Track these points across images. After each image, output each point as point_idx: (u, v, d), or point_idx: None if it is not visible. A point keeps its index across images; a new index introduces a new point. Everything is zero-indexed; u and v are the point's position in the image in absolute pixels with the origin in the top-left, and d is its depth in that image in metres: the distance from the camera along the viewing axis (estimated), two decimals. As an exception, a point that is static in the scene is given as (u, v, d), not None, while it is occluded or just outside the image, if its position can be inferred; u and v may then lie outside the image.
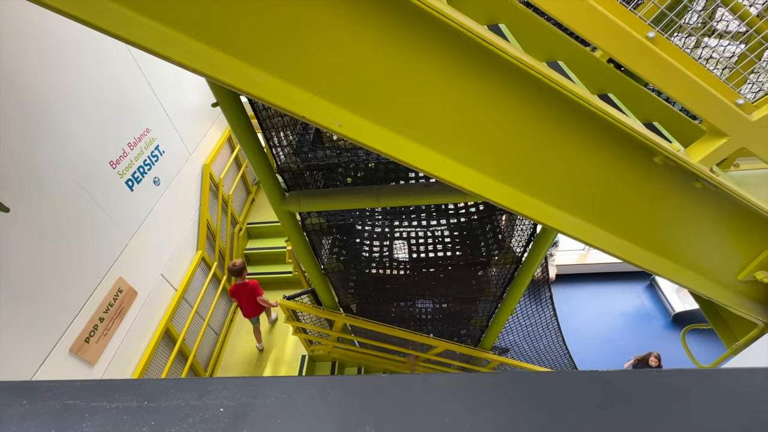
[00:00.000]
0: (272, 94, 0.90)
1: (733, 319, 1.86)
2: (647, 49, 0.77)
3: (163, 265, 4.19)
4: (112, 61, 3.62)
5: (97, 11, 0.78)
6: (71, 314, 3.04)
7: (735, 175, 2.19)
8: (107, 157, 3.53)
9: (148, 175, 4.02)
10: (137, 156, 3.89)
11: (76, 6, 0.77)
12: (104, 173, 3.48)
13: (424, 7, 0.76)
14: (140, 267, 3.82)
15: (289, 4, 0.78)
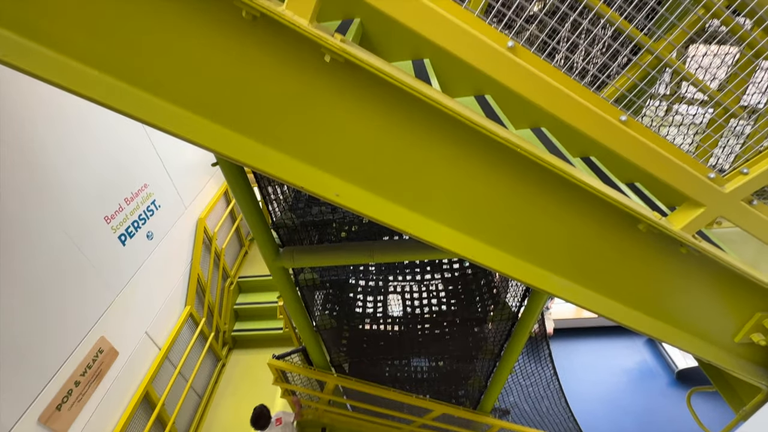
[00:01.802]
0: (274, 167, 0.95)
1: (738, 382, 1.82)
2: (620, 130, 0.84)
3: (148, 322, 4.04)
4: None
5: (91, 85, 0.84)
6: (45, 378, 2.86)
7: (719, 233, 2.26)
8: (103, 211, 3.54)
9: (142, 229, 4.01)
10: (133, 210, 3.91)
11: (73, 81, 0.83)
12: (98, 228, 3.47)
13: (415, 94, 0.83)
14: (124, 325, 3.68)
15: (289, 92, 0.85)
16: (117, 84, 0.85)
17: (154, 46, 0.81)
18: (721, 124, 1.45)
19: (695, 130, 2.00)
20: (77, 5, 0.77)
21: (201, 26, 0.79)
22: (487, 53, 0.75)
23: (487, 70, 0.76)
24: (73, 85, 0.85)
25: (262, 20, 0.74)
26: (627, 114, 0.86)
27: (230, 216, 6.11)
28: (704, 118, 2.00)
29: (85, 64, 0.83)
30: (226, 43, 0.81)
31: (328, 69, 0.81)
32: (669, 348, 6.41)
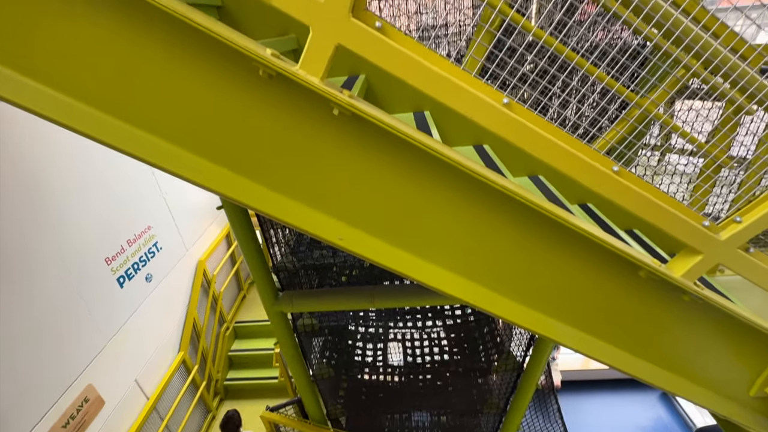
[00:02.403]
0: (280, 211, 0.98)
1: (758, 440, 1.71)
2: (613, 179, 0.88)
3: (139, 369, 3.88)
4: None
5: (100, 127, 0.90)
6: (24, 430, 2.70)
7: (722, 281, 2.25)
8: (104, 252, 3.55)
9: (141, 271, 3.99)
10: (134, 252, 3.92)
11: (77, 120, 0.88)
12: (97, 269, 3.46)
13: (417, 145, 0.88)
14: (114, 372, 3.54)
15: (298, 141, 0.91)
16: (134, 131, 0.90)
17: (170, 95, 0.87)
18: (712, 174, 1.50)
19: (687, 179, 2.06)
20: (93, 51, 0.84)
21: (218, 79, 0.86)
22: (484, 109, 0.81)
23: (484, 123, 0.82)
24: (88, 129, 0.90)
25: (278, 78, 0.81)
26: (619, 165, 0.90)
27: (230, 259, 6.09)
28: (695, 168, 2.07)
29: (101, 111, 0.89)
30: (240, 96, 0.87)
31: (336, 121, 0.87)
32: (685, 404, 6.06)
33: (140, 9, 0.77)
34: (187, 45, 0.82)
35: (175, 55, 0.84)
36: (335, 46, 0.76)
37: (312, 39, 0.76)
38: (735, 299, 1.34)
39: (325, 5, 0.73)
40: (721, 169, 1.79)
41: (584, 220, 1.23)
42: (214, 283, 5.37)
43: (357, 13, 0.75)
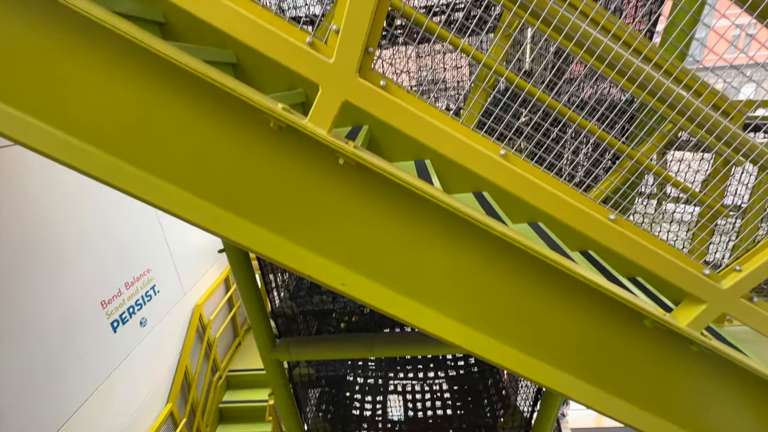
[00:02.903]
0: (284, 256, 0.99)
1: None
2: (610, 227, 0.90)
3: (124, 422, 3.67)
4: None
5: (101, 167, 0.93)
6: (-4, 489, 2.50)
7: (732, 331, 2.19)
8: (101, 295, 3.50)
9: (136, 315, 3.91)
10: (131, 295, 3.86)
11: (79, 159, 0.92)
12: (92, 313, 3.39)
13: (418, 192, 0.91)
14: (97, 426, 3.34)
15: (304, 188, 0.94)
16: (147, 177, 0.94)
17: (183, 142, 0.92)
18: (708, 222, 1.52)
19: (686, 226, 2.09)
20: (114, 101, 0.90)
21: (230, 129, 0.91)
22: (482, 160, 0.85)
23: (483, 173, 0.86)
24: (105, 175, 0.94)
25: (287, 129, 0.86)
26: (615, 213, 0.92)
27: (228, 303, 5.97)
28: (692, 215, 2.10)
29: (117, 157, 0.93)
30: (251, 145, 0.92)
31: (341, 170, 0.91)
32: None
33: (161, 65, 0.84)
34: (203, 98, 0.88)
35: (190, 107, 0.89)
36: (342, 102, 0.82)
37: (321, 95, 0.82)
38: (747, 351, 1.31)
39: (335, 66, 0.79)
40: (718, 217, 1.82)
41: (586, 267, 1.23)
42: (209, 328, 5.22)
43: (363, 73, 0.81)
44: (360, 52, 0.78)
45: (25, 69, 0.88)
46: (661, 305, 1.60)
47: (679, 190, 1.82)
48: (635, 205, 1.89)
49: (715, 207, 1.19)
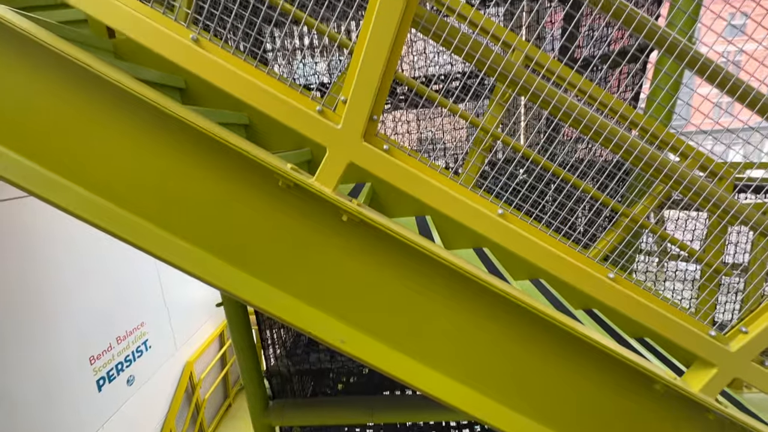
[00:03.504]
0: (282, 309, 0.99)
1: None
2: (609, 286, 0.91)
3: (97, 495, 3.34)
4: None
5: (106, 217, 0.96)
6: None
7: (751, 399, 2.07)
8: (90, 350, 3.37)
9: (124, 372, 3.73)
10: (121, 351, 3.72)
11: (98, 216, 0.95)
12: (79, 368, 3.24)
13: (420, 250, 0.93)
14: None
15: (308, 243, 0.97)
16: (158, 232, 0.97)
17: (193, 198, 0.96)
18: (709, 280, 1.52)
19: (690, 284, 2.07)
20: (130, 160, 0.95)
21: (239, 186, 0.96)
22: (481, 218, 0.88)
23: (482, 231, 0.88)
24: (118, 231, 0.97)
25: (295, 188, 0.91)
26: (614, 271, 0.93)
27: (220, 361, 5.71)
28: (695, 273, 2.09)
29: (130, 212, 0.97)
30: (257, 202, 0.96)
31: (344, 226, 0.94)
32: None
33: (180, 127, 0.91)
34: (217, 157, 0.94)
35: (204, 166, 0.95)
36: (348, 163, 0.87)
37: (328, 157, 0.88)
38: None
39: (342, 132, 0.86)
40: (717, 276, 1.81)
41: (592, 328, 1.21)
42: (199, 388, 4.94)
43: (368, 138, 0.88)
44: (365, 119, 0.85)
45: (53, 129, 0.95)
46: (672, 368, 1.55)
47: (676, 246, 1.84)
48: (635, 263, 1.89)
49: (714, 265, 1.19)
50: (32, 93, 0.93)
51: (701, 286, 1.54)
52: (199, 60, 0.85)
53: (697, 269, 1.97)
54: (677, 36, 0.78)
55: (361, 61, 0.82)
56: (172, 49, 0.85)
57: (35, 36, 0.86)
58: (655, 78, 1.69)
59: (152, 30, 0.86)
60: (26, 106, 0.94)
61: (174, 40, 0.85)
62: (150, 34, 0.86)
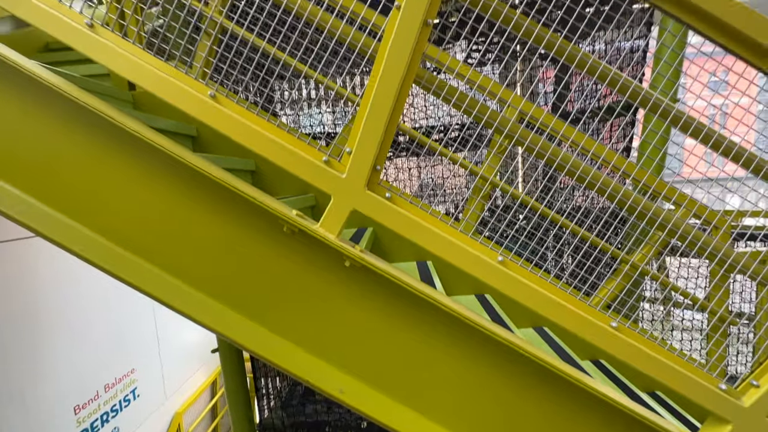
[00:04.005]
0: (278, 356, 0.97)
1: None
2: (614, 336, 0.90)
3: None
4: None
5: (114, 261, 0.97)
6: None
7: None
8: (76, 398, 3.21)
9: (109, 423, 3.53)
10: (108, 400, 3.55)
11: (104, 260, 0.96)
12: (62, 419, 3.07)
13: (422, 297, 0.93)
14: None
15: (310, 288, 0.97)
16: (162, 275, 0.98)
17: (199, 243, 0.98)
18: (716, 329, 1.49)
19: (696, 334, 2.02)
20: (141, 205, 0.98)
21: (243, 230, 0.98)
22: (481, 265, 0.89)
23: (482, 278, 0.89)
24: (122, 273, 0.98)
25: (299, 234, 0.93)
26: (617, 320, 0.93)
27: (211, 412, 5.41)
28: (702, 321, 2.04)
29: (131, 252, 0.99)
30: (260, 247, 0.98)
31: (346, 272, 0.95)
32: None
33: (190, 174, 0.95)
34: (225, 203, 0.97)
35: (209, 209, 0.98)
36: (351, 210, 0.91)
37: (332, 205, 0.91)
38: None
39: (346, 181, 0.90)
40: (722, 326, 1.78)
41: (599, 380, 1.17)
42: (186, 443, 4.64)
43: (371, 186, 0.91)
44: (369, 169, 0.89)
45: (69, 174, 1.00)
46: (687, 425, 1.47)
47: (678, 294, 1.82)
48: (640, 311, 1.86)
49: (718, 313, 1.18)
50: (54, 140, 0.98)
51: (708, 335, 1.51)
52: (214, 114, 0.91)
53: (704, 318, 1.93)
54: (659, 96, 0.84)
55: (365, 117, 0.88)
56: (190, 104, 0.92)
57: (58, 87, 0.93)
58: (643, 132, 1.78)
59: (173, 87, 0.93)
60: (49, 154, 1.00)
61: (192, 96, 0.92)
62: (171, 90, 0.93)
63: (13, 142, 1.00)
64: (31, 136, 1.00)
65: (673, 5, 0.79)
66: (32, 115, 0.98)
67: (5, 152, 0.99)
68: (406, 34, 0.82)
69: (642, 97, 0.85)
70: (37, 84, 0.94)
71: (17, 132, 0.99)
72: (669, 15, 0.78)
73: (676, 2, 0.79)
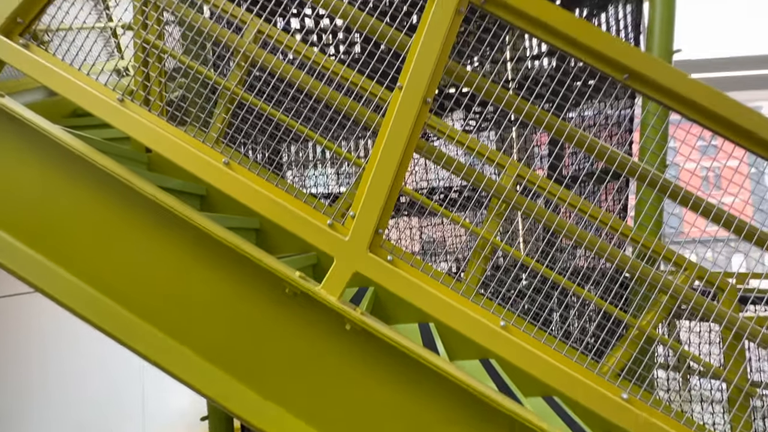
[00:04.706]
0: (272, 425, 0.92)
1: None
2: (626, 410, 0.86)
3: None
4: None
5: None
6: None
7: None
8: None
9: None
10: (83, 475, 3.25)
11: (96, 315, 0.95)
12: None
13: (425, 363, 0.91)
14: None
15: (310, 352, 0.95)
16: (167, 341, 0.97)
17: (197, 303, 0.98)
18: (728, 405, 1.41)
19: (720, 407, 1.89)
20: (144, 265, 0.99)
21: (244, 289, 0.98)
22: (483, 330, 0.88)
23: (485, 344, 0.88)
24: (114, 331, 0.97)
25: (301, 296, 0.93)
26: (627, 391, 0.89)
27: (193, 491, 4.90)
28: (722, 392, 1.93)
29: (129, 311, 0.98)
30: (260, 308, 0.98)
31: (346, 335, 0.94)
32: None
33: (195, 234, 0.98)
34: (226, 261, 0.99)
35: (211, 266, 1.00)
36: (353, 273, 0.92)
37: (335, 267, 0.93)
38: None
39: (349, 244, 0.92)
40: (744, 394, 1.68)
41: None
42: None
43: (373, 249, 0.94)
44: (371, 232, 0.92)
45: (75, 230, 1.03)
46: None
47: (689, 359, 1.74)
48: (654, 378, 1.78)
49: (734, 381, 1.12)
50: (68, 199, 1.03)
51: (728, 407, 1.42)
52: (223, 178, 0.97)
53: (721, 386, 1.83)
54: (646, 167, 0.89)
55: (369, 183, 0.93)
56: (204, 171, 0.98)
57: (76, 149, 0.99)
58: (638, 192, 1.84)
59: (187, 153, 0.99)
60: (62, 212, 1.04)
61: (206, 163, 0.98)
62: (184, 156, 0.99)
63: (30, 199, 1.05)
64: (46, 194, 1.05)
65: (671, 101, 0.86)
66: (51, 176, 1.04)
67: (23, 210, 1.04)
68: (407, 110, 0.90)
69: (630, 167, 0.90)
70: (57, 146, 1.01)
71: (34, 190, 1.05)
72: (663, 105, 0.86)
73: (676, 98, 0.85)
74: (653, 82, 0.90)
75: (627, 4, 2.42)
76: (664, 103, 0.88)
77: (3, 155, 1.04)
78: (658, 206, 1.87)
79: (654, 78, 0.89)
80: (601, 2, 2.61)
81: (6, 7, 1.03)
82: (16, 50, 1.01)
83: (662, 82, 0.89)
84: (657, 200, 1.85)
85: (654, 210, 1.80)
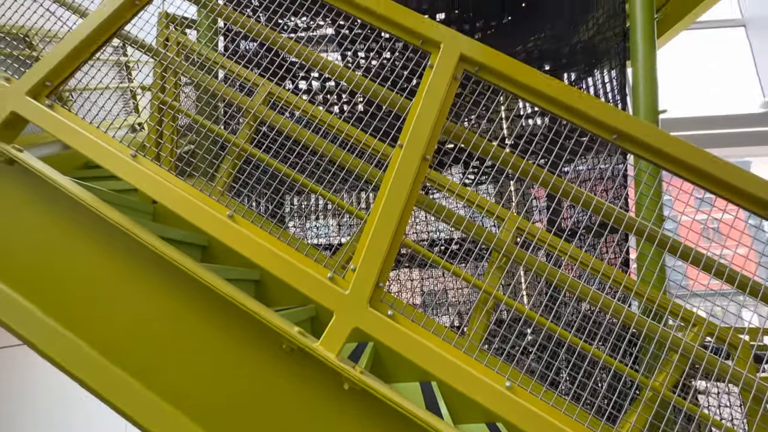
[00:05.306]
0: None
1: None
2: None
3: None
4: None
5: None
6: None
7: None
8: None
9: None
10: None
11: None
12: None
13: (427, 428, 0.86)
14: None
15: (310, 412, 0.90)
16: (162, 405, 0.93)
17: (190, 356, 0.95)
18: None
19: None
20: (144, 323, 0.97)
21: (241, 345, 0.96)
22: (488, 391, 0.84)
23: (489, 406, 0.83)
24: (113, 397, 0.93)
25: (298, 352, 0.91)
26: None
27: None
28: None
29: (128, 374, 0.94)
30: (256, 365, 0.95)
31: (345, 394, 0.89)
32: None
33: (196, 287, 0.97)
34: (223, 314, 0.97)
35: (206, 317, 0.98)
36: (353, 328, 0.90)
37: (334, 322, 0.91)
38: None
39: (349, 297, 0.91)
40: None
41: None
42: None
43: (373, 304, 0.92)
44: (372, 286, 0.91)
45: (74, 281, 1.03)
46: None
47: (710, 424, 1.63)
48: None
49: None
50: (74, 250, 1.04)
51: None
52: (229, 233, 0.98)
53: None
54: (642, 221, 0.91)
55: (369, 237, 0.94)
56: (208, 224, 1.00)
57: (82, 199, 1.02)
58: (638, 246, 1.83)
59: (193, 206, 1.02)
60: (62, 263, 1.04)
61: (210, 216, 1.00)
62: (190, 209, 1.02)
63: (36, 249, 1.05)
64: (53, 245, 1.06)
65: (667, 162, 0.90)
66: (59, 226, 1.06)
67: (25, 261, 1.04)
68: (407, 168, 0.94)
69: (626, 222, 0.91)
70: (67, 198, 1.04)
71: (42, 240, 1.06)
72: (652, 163, 0.89)
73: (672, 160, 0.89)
74: (641, 142, 0.94)
75: (612, 68, 2.59)
76: (652, 161, 0.92)
77: (15, 206, 1.07)
78: (658, 261, 1.86)
79: (641, 138, 0.94)
80: (588, 66, 2.80)
81: (38, 71, 1.12)
82: (42, 111, 1.08)
83: (650, 141, 0.93)
84: (657, 255, 1.84)
85: (654, 265, 1.78)
